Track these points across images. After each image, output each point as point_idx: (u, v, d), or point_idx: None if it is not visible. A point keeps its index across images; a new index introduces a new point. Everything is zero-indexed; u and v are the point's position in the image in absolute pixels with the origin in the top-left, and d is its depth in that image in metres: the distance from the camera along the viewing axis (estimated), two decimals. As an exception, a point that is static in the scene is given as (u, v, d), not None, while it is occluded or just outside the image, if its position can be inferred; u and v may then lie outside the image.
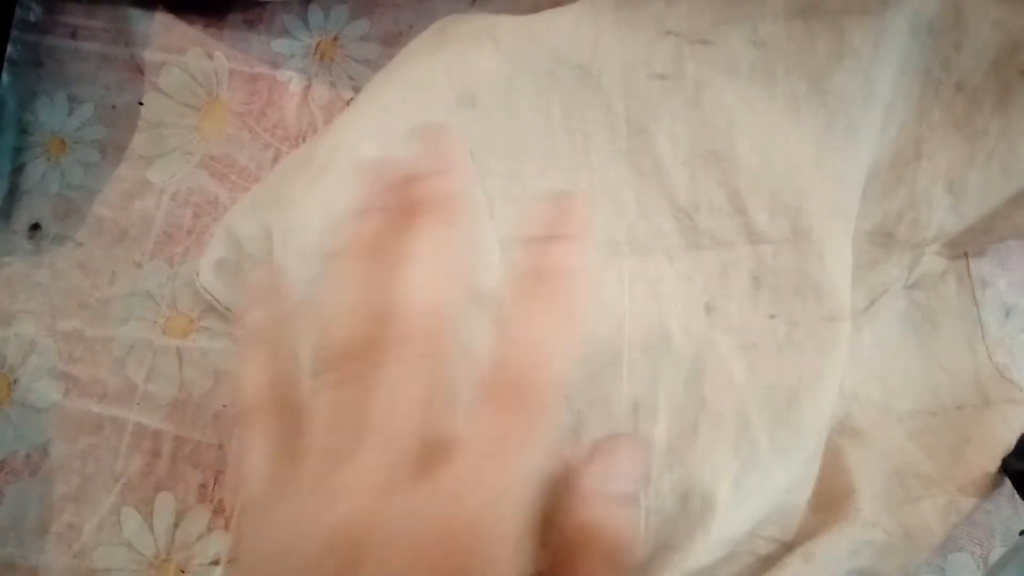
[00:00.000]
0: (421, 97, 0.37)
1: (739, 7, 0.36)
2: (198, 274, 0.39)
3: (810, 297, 0.35)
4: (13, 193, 0.44)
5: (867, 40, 0.35)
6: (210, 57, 0.45)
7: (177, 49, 0.45)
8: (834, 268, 0.35)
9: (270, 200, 0.37)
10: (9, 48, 0.44)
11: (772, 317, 0.35)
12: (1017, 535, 0.36)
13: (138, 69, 0.45)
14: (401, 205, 0.23)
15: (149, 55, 0.45)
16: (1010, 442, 0.35)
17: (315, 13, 0.45)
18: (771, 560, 0.35)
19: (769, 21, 0.36)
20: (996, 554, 0.36)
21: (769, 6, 0.36)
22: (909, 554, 0.34)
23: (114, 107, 0.44)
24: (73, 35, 0.45)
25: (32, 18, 0.46)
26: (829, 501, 0.35)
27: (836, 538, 0.33)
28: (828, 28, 0.35)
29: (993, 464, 0.35)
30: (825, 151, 0.36)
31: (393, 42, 0.44)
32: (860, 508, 0.34)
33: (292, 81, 0.44)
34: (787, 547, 0.35)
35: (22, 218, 0.43)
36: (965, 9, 0.35)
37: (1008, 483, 0.35)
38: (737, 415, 0.34)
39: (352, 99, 0.42)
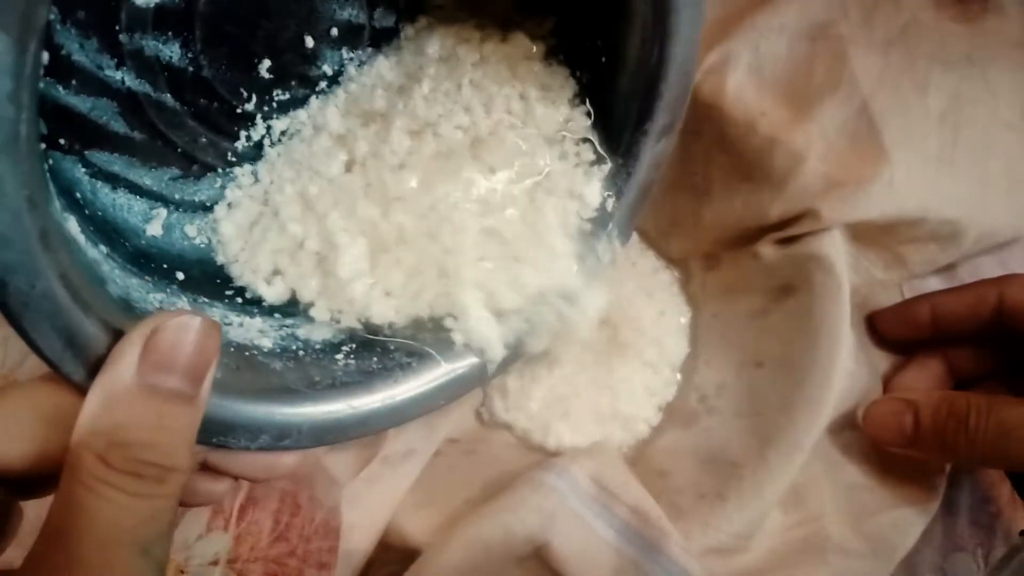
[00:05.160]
0: None
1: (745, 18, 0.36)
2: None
3: None
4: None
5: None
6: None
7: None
8: None
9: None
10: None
11: None
12: (1017, 535, 0.36)
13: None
14: None
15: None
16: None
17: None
18: None
19: (775, 37, 0.36)
20: (996, 554, 0.36)
21: (779, 18, 0.36)
22: (881, 566, 0.34)
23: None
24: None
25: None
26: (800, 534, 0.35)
27: None
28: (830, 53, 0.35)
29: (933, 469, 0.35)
30: None
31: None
32: (828, 536, 0.34)
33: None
34: None
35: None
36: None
37: (1009, 483, 0.36)
38: None
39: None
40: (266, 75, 0.30)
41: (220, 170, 0.31)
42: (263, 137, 0.31)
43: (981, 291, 0.34)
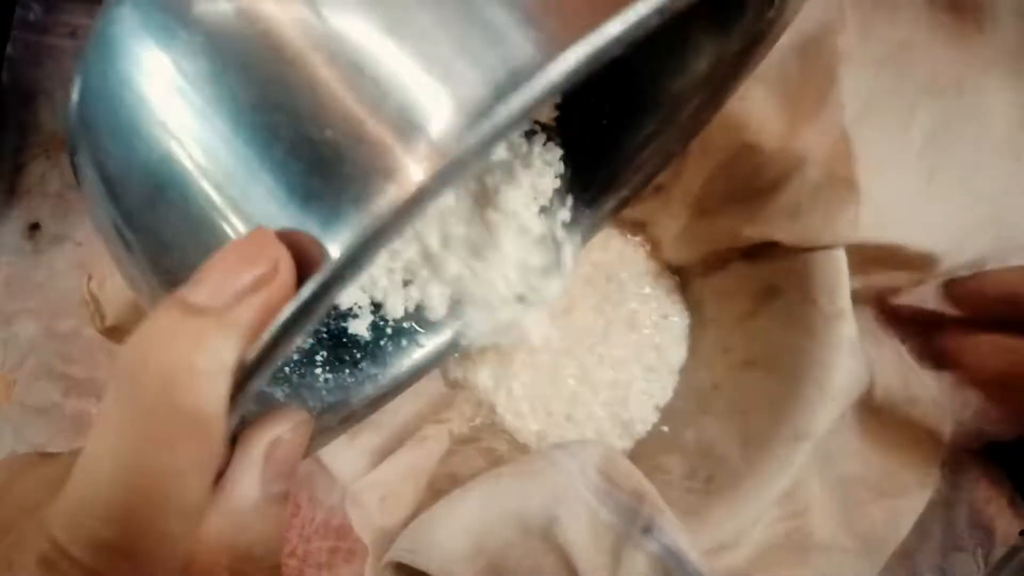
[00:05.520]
0: None
1: None
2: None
3: None
4: (13, 193, 0.43)
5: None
6: (211, 58, 0.45)
7: (177, 50, 0.45)
8: None
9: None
10: (9, 48, 0.44)
11: None
12: (1017, 535, 0.36)
13: (138, 69, 0.45)
14: None
15: (149, 55, 0.45)
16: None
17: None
18: None
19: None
20: (996, 554, 0.36)
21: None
22: (870, 564, 0.34)
23: (114, 107, 0.44)
24: (73, 35, 0.45)
25: (32, 18, 0.46)
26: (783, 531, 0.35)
27: None
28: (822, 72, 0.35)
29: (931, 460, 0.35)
30: None
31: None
32: (811, 532, 0.33)
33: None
34: None
35: (22, 218, 0.43)
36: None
37: (1009, 483, 0.36)
38: None
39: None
40: None
41: None
42: None
43: None
